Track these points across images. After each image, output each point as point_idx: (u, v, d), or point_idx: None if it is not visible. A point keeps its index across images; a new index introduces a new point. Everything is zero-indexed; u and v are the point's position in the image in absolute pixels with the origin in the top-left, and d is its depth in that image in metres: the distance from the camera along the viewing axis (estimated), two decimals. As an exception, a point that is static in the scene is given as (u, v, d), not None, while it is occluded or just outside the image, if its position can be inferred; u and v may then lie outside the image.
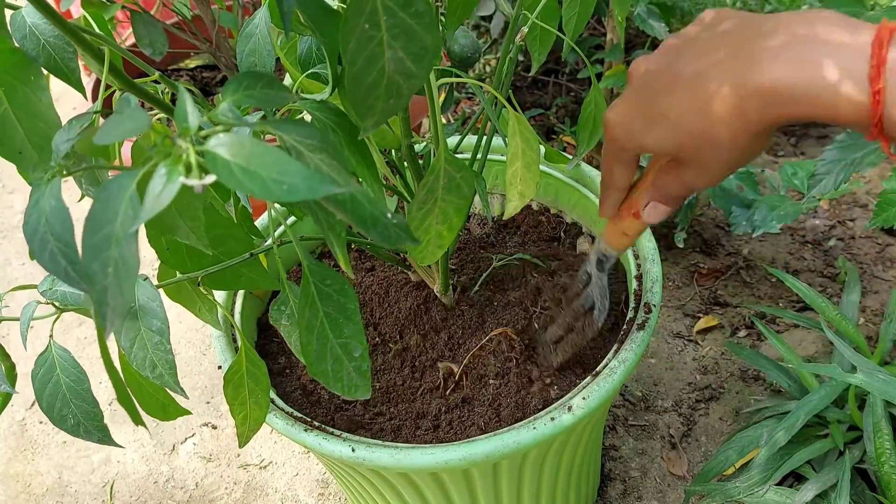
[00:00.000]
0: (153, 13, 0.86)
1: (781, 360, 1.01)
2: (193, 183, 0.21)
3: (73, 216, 0.34)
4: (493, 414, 0.67)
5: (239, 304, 0.77)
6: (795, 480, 0.94)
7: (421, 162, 0.65)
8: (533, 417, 0.61)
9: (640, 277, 0.72)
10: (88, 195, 0.47)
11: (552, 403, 0.64)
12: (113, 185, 0.24)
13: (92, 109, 0.43)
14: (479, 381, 0.71)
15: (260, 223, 0.81)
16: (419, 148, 0.73)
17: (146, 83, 0.50)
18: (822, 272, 1.28)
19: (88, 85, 1.24)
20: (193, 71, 1.39)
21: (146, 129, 0.24)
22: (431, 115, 0.54)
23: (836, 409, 0.92)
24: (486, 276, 0.79)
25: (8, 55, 0.42)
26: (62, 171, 0.32)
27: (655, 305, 0.68)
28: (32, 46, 0.45)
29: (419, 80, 0.36)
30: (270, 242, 0.55)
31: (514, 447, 0.58)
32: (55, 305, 0.50)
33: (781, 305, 1.24)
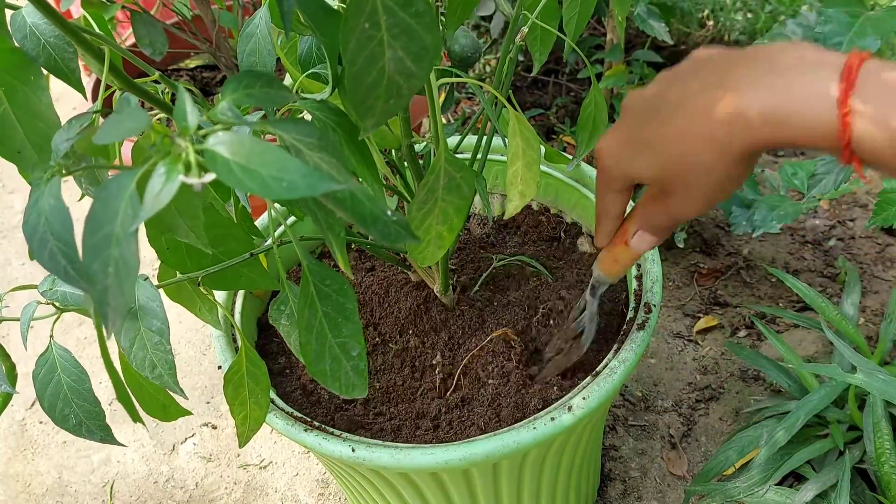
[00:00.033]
0: (153, 13, 0.86)
1: (781, 360, 1.01)
2: (193, 181, 0.21)
3: (73, 216, 0.34)
4: (492, 414, 0.67)
5: (239, 304, 0.77)
6: (795, 480, 0.94)
7: (421, 162, 0.65)
8: (533, 417, 0.61)
9: (640, 277, 0.72)
10: (88, 195, 0.47)
11: (552, 403, 0.64)
12: (112, 184, 0.24)
13: (92, 109, 0.43)
14: (478, 381, 0.71)
15: (260, 223, 0.81)
16: (419, 148, 0.73)
17: (146, 83, 0.50)
18: (822, 272, 1.28)
19: (88, 85, 1.24)
20: (193, 71, 1.39)
21: (146, 128, 0.24)
22: (431, 115, 0.54)
23: (836, 409, 0.92)
24: (486, 276, 0.80)
25: (8, 55, 0.42)
26: (62, 170, 0.32)
27: (655, 305, 0.68)
28: (32, 46, 0.45)
29: (419, 80, 0.36)
30: (270, 242, 0.55)
31: (514, 447, 0.58)
32: (55, 305, 0.50)
33: (781, 305, 1.24)
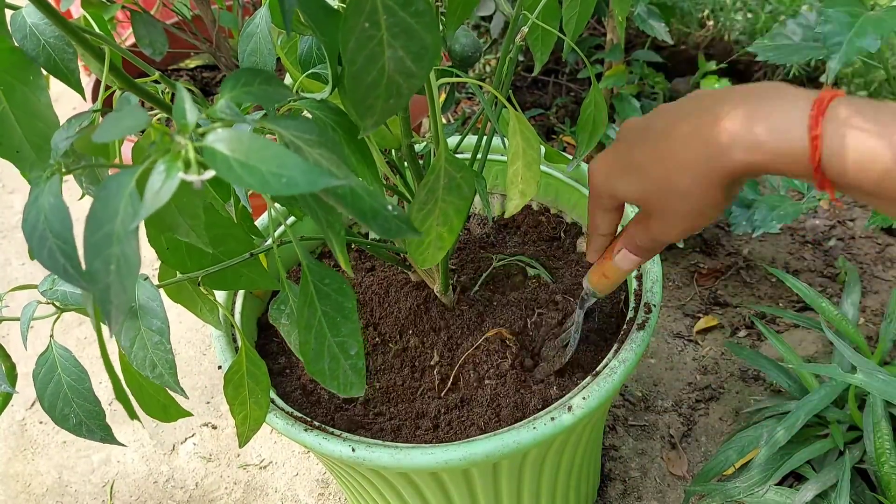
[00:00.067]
0: (153, 13, 0.86)
1: (781, 360, 1.01)
2: (192, 178, 0.21)
3: (73, 215, 0.34)
4: (492, 414, 0.67)
5: (239, 304, 0.77)
6: (795, 480, 0.94)
7: (421, 162, 0.65)
8: (533, 417, 0.61)
9: (640, 277, 0.72)
10: (89, 194, 0.47)
11: (552, 403, 0.64)
12: (113, 182, 0.24)
13: (92, 109, 0.43)
14: (477, 380, 0.71)
15: (260, 223, 0.81)
16: (419, 148, 0.73)
17: (146, 83, 0.50)
18: (822, 272, 1.28)
19: (87, 86, 1.24)
20: (193, 71, 1.39)
21: (145, 126, 0.24)
22: (432, 114, 0.54)
23: (836, 409, 0.92)
24: (486, 276, 0.80)
25: (7, 55, 0.42)
26: (62, 168, 0.32)
27: (655, 305, 0.68)
28: (32, 46, 0.45)
29: (419, 79, 0.36)
30: (270, 242, 0.55)
31: (514, 447, 0.58)
32: (55, 305, 0.51)
33: (781, 305, 1.23)
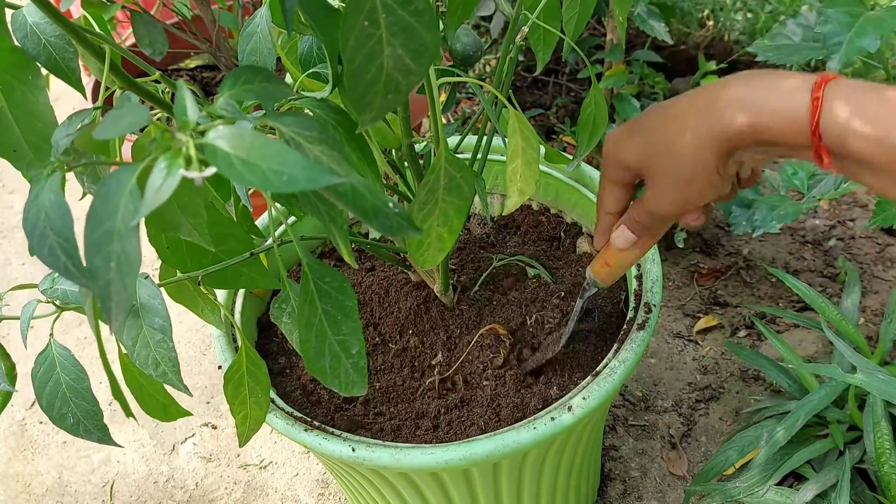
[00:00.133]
0: (153, 13, 0.86)
1: (781, 360, 1.01)
2: (193, 175, 0.21)
3: (74, 214, 0.34)
4: (492, 414, 0.67)
5: (239, 303, 0.77)
6: (795, 480, 0.94)
7: (421, 162, 0.65)
8: (533, 417, 0.61)
9: (640, 277, 0.72)
10: (90, 192, 0.47)
11: (552, 403, 0.64)
12: (113, 179, 0.24)
13: (93, 107, 0.43)
14: (476, 379, 0.71)
15: (260, 223, 0.81)
16: (420, 148, 0.73)
17: (146, 83, 0.50)
18: (822, 272, 1.28)
19: (88, 86, 1.24)
20: (193, 71, 1.39)
21: (146, 123, 0.24)
22: (432, 114, 0.54)
23: (836, 409, 0.92)
24: (485, 276, 0.80)
25: (7, 54, 0.42)
26: (62, 166, 0.32)
27: (655, 305, 0.68)
28: (33, 46, 0.45)
29: (418, 76, 0.36)
30: (271, 241, 0.55)
31: (514, 447, 0.58)
32: (56, 304, 0.50)
33: (781, 305, 1.23)
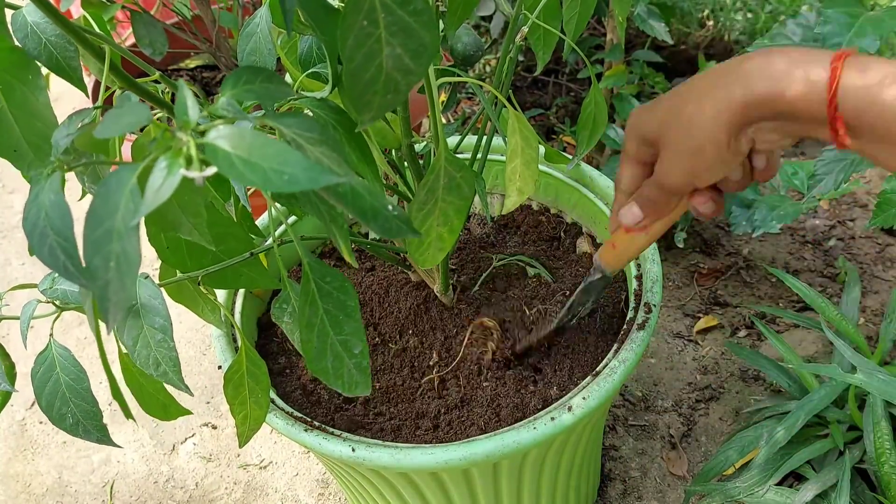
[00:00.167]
0: (153, 13, 0.86)
1: (781, 360, 1.01)
2: (194, 175, 0.21)
3: (73, 215, 0.34)
4: (492, 414, 0.67)
5: (239, 303, 0.77)
6: (795, 480, 0.94)
7: (421, 162, 0.65)
8: (533, 417, 0.61)
9: (640, 277, 0.72)
10: (90, 193, 0.47)
11: (552, 403, 0.64)
12: (113, 179, 0.24)
13: (93, 107, 0.43)
14: (475, 379, 0.71)
15: (260, 223, 0.81)
16: (419, 148, 0.73)
17: (146, 83, 0.50)
18: (822, 272, 1.28)
19: (88, 86, 1.24)
20: (193, 71, 1.39)
21: (146, 122, 0.24)
22: (432, 114, 0.54)
23: (836, 409, 0.92)
24: (485, 276, 0.80)
25: (7, 54, 0.42)
26: (62, 166, 0.32)
27: (655, 305, 0.68)
28: (34, 45, 0.45)
29: (417, 76, 0.36)
30: (271, 241, 0.55)
31: (514, 447, 0.58)
32: (55, 304, 0.50)
33: (781, 305, 1.23)
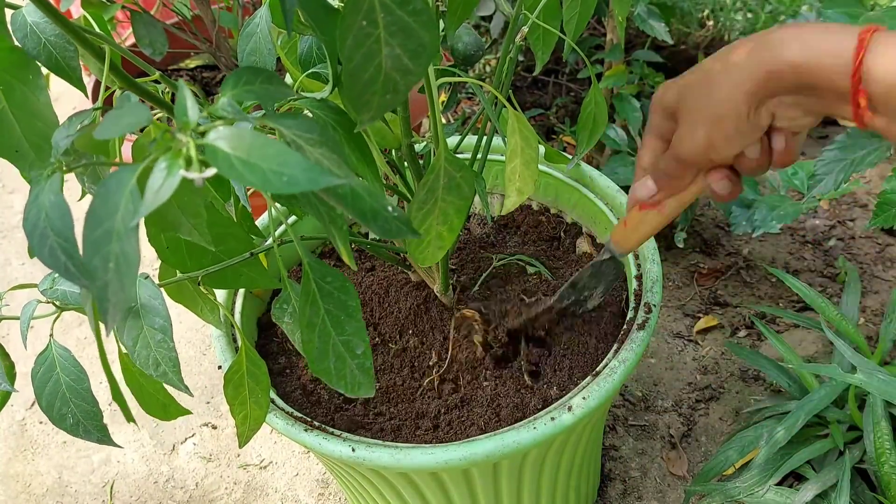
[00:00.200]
0: (153, 13, 0.86)
1: (781, 360, 1.01)
2: (193, 176, 0.21)
3: (73, 215, 0.34)
4: (492, 414, 0.67)
5: (239, 303, 0.77)
6: (795, 480, 0.94)
7: (421, 162, 0.65)
8: (533, 417, 0.61)
9: (640, 277, 0.72)
10: (90, 193, 0.47)
11: (552, 403, 0.64)
12: (113, 179, 0.24)
13: (92, 107, 0.43)
14: (475, 379, 0.71)
15: (260, 223, 0.81)
16: (419, 148, 0.73)
17: (146, 83, 0.50)
18: (822, 272, 1.28)
19: (88, 86, 1.24)
20: (193, 71, 1.39)
21: (146, 123, 0.24)
22: (431, 114, 0.54)
23: (836, 409, 0.92)
24: (485, 276, 0.80)
25: (7, 54, 0.42)
26: (62, 166, 0.32)
27: (655, 305, 0.68)
28: (33, 45, 0.45)
29: (416, 76, 0.36)
30: (271, 241, 0.55)
31: (514, 447, 0.58)
32: (55, 304, 0.50)
33: (781, 305, 1.23)
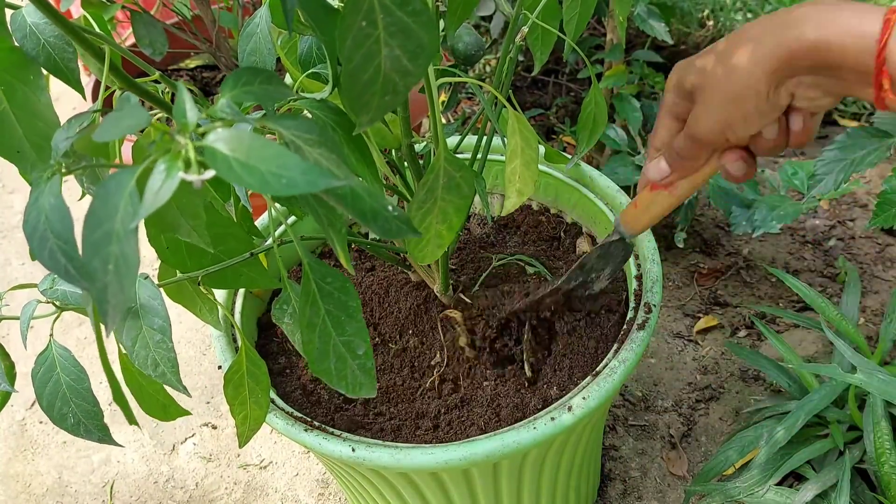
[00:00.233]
0: (153, 13, 0.86)
1: (781, 360, 1.01)
2: (192, 178, 0.21)
3: (73, 215, 0.34)
4: (492, 414, 0.67)
5: (239, 303, 0.77)
6: (795, 480, 0.94)
7: (421, 162, 0.65)
8: (533, 417, 0.61)
9: (640, 277, 0.72)
10: (90, 194, 0.47)
11: (552, 403, 0.64)
12: (112, 181, 0.24)
13: (92, 108, 0.43)
14: (475, 380, 0.71)
15: (260, 223, 0.81)
16: (419, 148, 0.73)
17: (146, 83, 0.50)
18: (822, 272, 1.28)
19: (87, 86, 1.24)
20: (193, 71, 1.39)
21: (145, 125, 0.24)
22: (431, 114, 0.54)
23: (836, 409, 0.92)
24: (485, 275, 0.80)
25: (7, 54, 0.42)
26: (62, 169, 0.32)
27: (655, 305, 0.68)
28: (32, 46, 0.45)
29: (415, 77, 0.36)
30: (271, 242, 0.55)
31: (514, 447, 0.58)
32: (55, 304, 0.50)
33: (781, 305, 1.23)
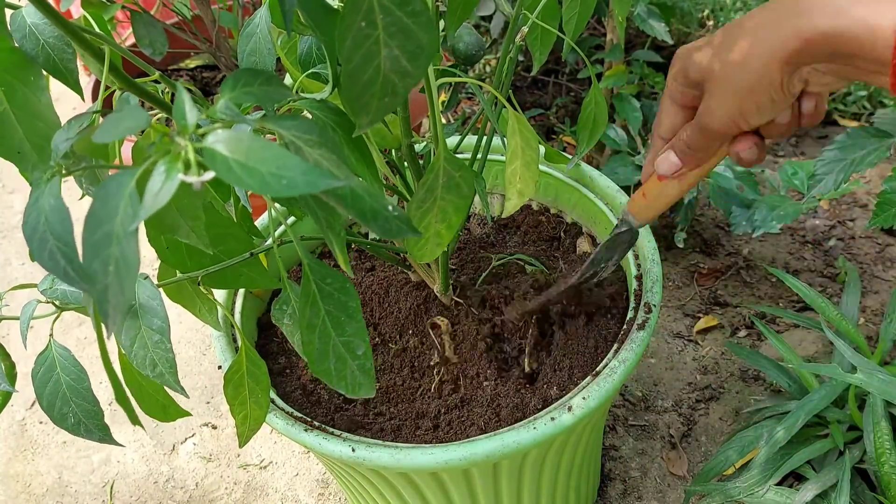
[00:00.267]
0: (153, 13, 0.86)
1: (781, 360, 1.01)
2: (192, 180, 0.21)
3: (73, 216, 0.34)
4: (492, 414, 0.67)
5: (239, 303, 0.77)
6: (795, 480, 0.94)
7: (421, 162, 0.65)
8: (533, 417, 0.61)
9: (640, 277, 0.72)
10: (89, 195, 0.47)
11: (552, 403, 0.64)
12: (112, 182, 0.24)
13: (91, 109, 0.43)
14: (476, 380, 0.71)
15: (260, 223, 0.81)
16: (419, 148, 0.73)
17: (146, 83, 0.50)
18: (822, 272, 1.28)
19: (87, 86, 1.24)
20: (193, 71, 1.39)
21: (145, 126, 0.24)
22: (431, 114, 0.54)
23: (836, 409, 0.92)
24: (485, 275, 0.80)
25: (8, 54, 0.42)
26: (62, 170, 0.32)
27: (655, 305, 0.68)
28: (31, 46, 0.45)
29: (415, 78, 0.36)
30: (271, 242, 0.55)
31: (514, 447, 0.58)
32: (55, 304, 0.50)
33: (781, 305, 1.23)
